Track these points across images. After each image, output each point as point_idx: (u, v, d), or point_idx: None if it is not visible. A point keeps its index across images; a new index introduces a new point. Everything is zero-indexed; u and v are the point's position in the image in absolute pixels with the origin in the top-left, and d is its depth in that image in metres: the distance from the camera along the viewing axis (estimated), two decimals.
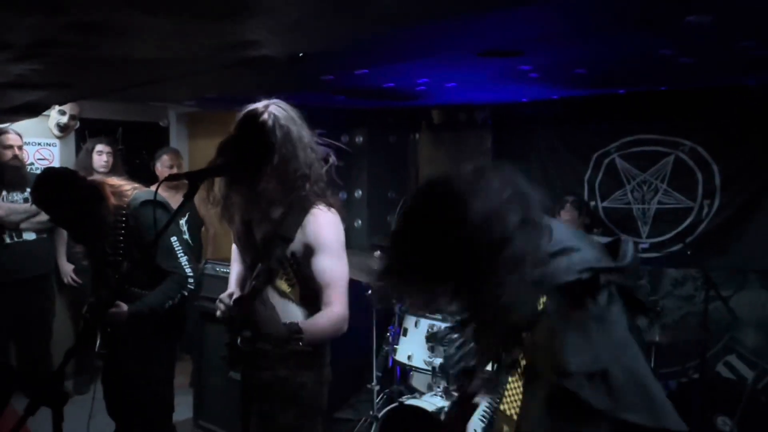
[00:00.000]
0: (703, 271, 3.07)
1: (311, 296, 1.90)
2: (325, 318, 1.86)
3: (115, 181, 2.50)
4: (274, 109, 1.84)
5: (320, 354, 1.96)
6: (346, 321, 1.88)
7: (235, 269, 2.14)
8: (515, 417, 1.18)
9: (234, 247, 2.14)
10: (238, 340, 1.87)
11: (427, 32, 1.86)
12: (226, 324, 1.92)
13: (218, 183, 1.91)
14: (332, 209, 1.89)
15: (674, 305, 3.53)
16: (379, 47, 2.11)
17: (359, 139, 4.20)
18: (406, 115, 4.26)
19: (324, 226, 1.85)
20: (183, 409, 3.25)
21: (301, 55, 2.05)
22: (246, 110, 1.87)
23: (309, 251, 1.85)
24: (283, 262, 1.86)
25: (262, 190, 1.84)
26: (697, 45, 2.03)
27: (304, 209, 1.84)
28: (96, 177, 2.52)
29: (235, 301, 1.84)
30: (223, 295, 1.97)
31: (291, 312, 1.89)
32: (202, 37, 1.79)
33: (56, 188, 2.31)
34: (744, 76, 2.83)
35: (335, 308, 1.86)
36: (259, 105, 1.86)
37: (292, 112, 1.87)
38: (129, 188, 2.47)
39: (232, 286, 2.08)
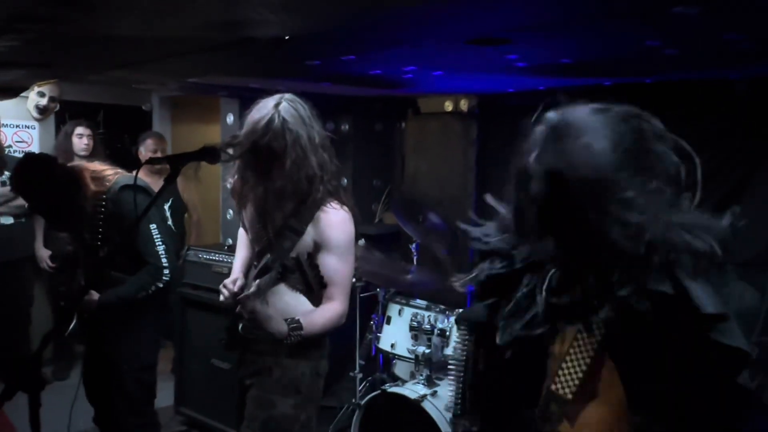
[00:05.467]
0: None
1: (319, 288, 1.94)
2: (326, 313, 1.93)
3: (96, 166, 2.47)
4: (284, 109, 1.81)
5: (320, 345, 2.00)
6: (344, 317, 1.97)
7: (240, 254, 2.15)
8: (570, 396, 1.17)
9: (240, 231, 2.15)
10: (239, 327, 1.91)
11: (414, 18, 1.84)
12: (227, 310, 1.95)
13: (235, 170, 1.92)
14: (344, 207, 1.92)
15: None
16: (366, 33, 2.08)
17: (345, 126, 4.18)
18: (393, 103, 4.23)
19: (334, 225, 1.89)
20: (164, 395, 3.23)
21: (287, 38, 2.03)
22: (254, 110, 1.84)
23: (317, 247, 1.90)
24: (291, 266, 1.87)
25: (273, 188, 1.85)
26: (684, 36, 2.04)
27: (317, 206, 1.88)
28: (77, 162, 2.49)
29: (239, 299, 1.86)
30: (228, 281, 1.98)
31: (299, 302, 1.93)
32: (186, 15, 1.76)
33: (35, 175, 2.28)
34: (728, 70, 2.85)
35: (336, 305, 1.94)
36: (269, 103, 1.83)
37: (303, 111, 1.85)
38: (111, 173, 2.44)
39: (237, 272, 2.09)
